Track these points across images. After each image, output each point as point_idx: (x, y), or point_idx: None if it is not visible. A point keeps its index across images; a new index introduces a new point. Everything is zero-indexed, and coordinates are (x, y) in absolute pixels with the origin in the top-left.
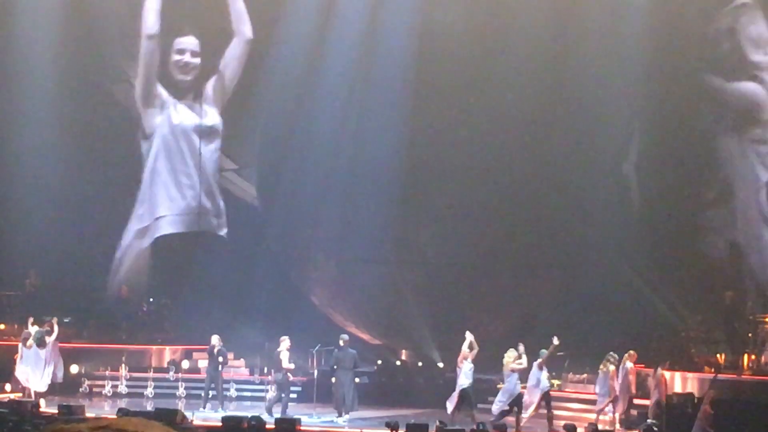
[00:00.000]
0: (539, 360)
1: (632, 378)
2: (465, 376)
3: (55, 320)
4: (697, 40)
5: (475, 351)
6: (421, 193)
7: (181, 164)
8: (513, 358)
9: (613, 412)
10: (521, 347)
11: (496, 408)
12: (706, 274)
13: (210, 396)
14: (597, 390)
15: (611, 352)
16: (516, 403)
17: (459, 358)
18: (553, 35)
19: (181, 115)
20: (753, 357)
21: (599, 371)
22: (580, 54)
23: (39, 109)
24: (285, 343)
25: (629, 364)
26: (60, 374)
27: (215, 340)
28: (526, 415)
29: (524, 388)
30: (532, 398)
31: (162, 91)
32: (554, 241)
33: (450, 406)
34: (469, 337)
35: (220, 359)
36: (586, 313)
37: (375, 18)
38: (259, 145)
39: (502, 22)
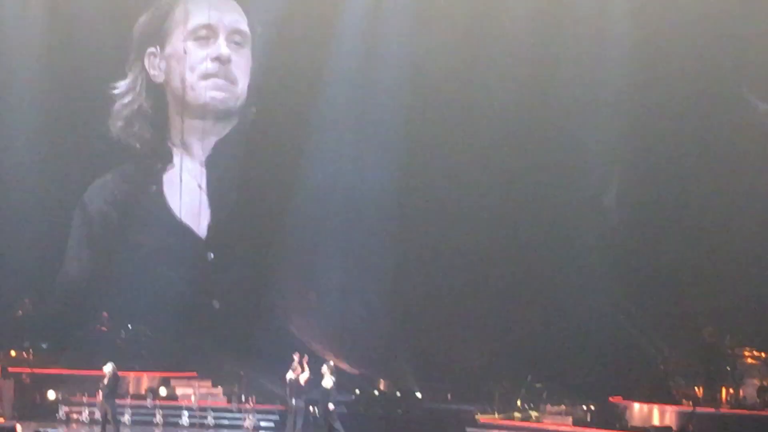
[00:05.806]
0: None
1: None
2: None
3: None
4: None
5: None
6: (403, 225)
7: None
8: None
9: None
10: None
11: None
12: (686, 308)
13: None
14: None
15: None
16: None
17: None
18: (536, 68)
19: None
20: (731, 391)
21: None
22: (563, 88)
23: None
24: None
25: None
26: None
27: (109, 367)
28: None
29: None
30: None
31: None
32: (533, 274)
33: None
34: None
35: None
36: (565, 345)
37: (371, 43)
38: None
39: (487, 49)
